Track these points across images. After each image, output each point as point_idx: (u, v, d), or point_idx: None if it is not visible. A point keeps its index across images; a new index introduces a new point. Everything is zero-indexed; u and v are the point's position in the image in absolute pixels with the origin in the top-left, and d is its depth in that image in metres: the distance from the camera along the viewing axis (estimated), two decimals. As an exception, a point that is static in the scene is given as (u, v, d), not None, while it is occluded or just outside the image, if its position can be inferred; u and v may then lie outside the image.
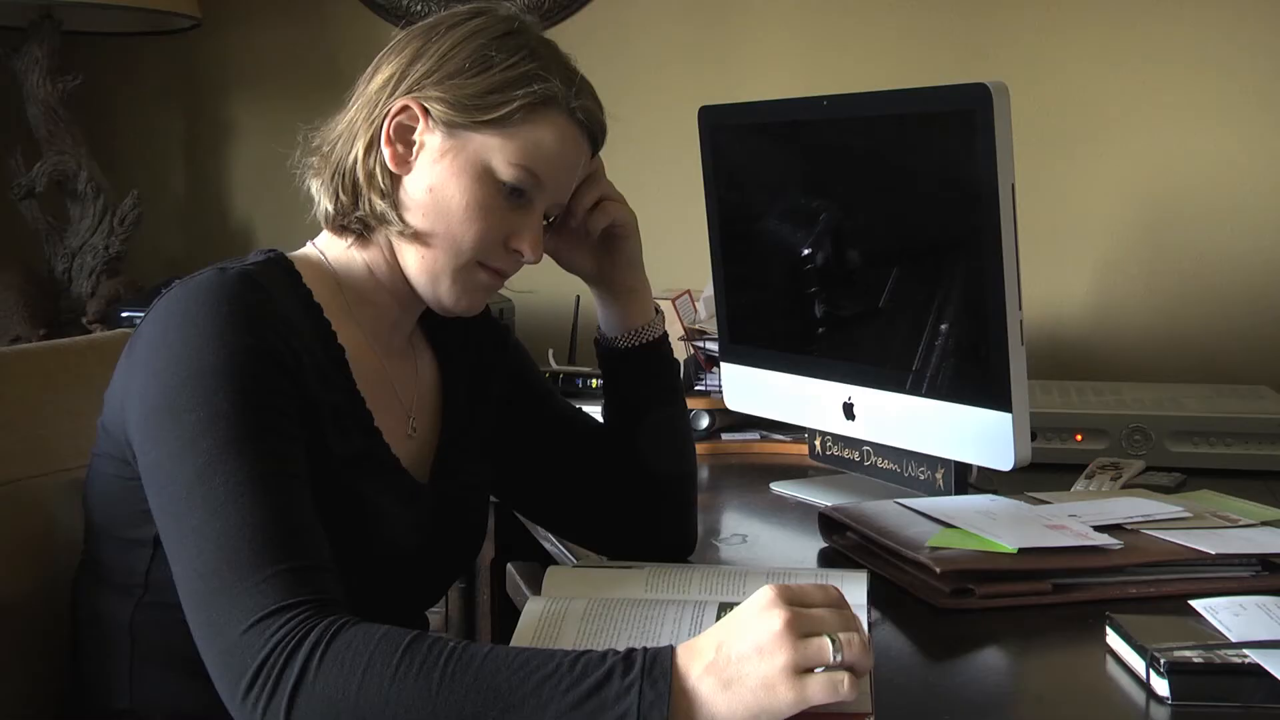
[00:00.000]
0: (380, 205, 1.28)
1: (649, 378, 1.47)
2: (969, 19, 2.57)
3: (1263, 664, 1.06)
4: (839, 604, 1.02)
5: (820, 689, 0.96)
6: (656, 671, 0.96)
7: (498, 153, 1.27)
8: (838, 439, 1.85)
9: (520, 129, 1.27)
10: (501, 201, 1.28)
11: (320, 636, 1.00)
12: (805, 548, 1.56)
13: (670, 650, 0.98)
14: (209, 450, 1.08)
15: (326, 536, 1.14)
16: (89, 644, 1.27)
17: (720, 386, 1.99)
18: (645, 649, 0.98)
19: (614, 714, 0.95)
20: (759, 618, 0.98)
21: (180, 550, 1.08)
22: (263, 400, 1.12)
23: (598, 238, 1.42)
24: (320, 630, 1.00)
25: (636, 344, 1.46)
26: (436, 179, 1.27)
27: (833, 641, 0.97)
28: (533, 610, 1.19)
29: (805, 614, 0.99)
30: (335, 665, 0.99)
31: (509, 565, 1.83)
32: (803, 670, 0.96)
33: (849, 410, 1.74)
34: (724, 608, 1.19)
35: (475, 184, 1.27)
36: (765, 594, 1.00)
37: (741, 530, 1.69)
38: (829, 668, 0.97)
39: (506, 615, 2.13)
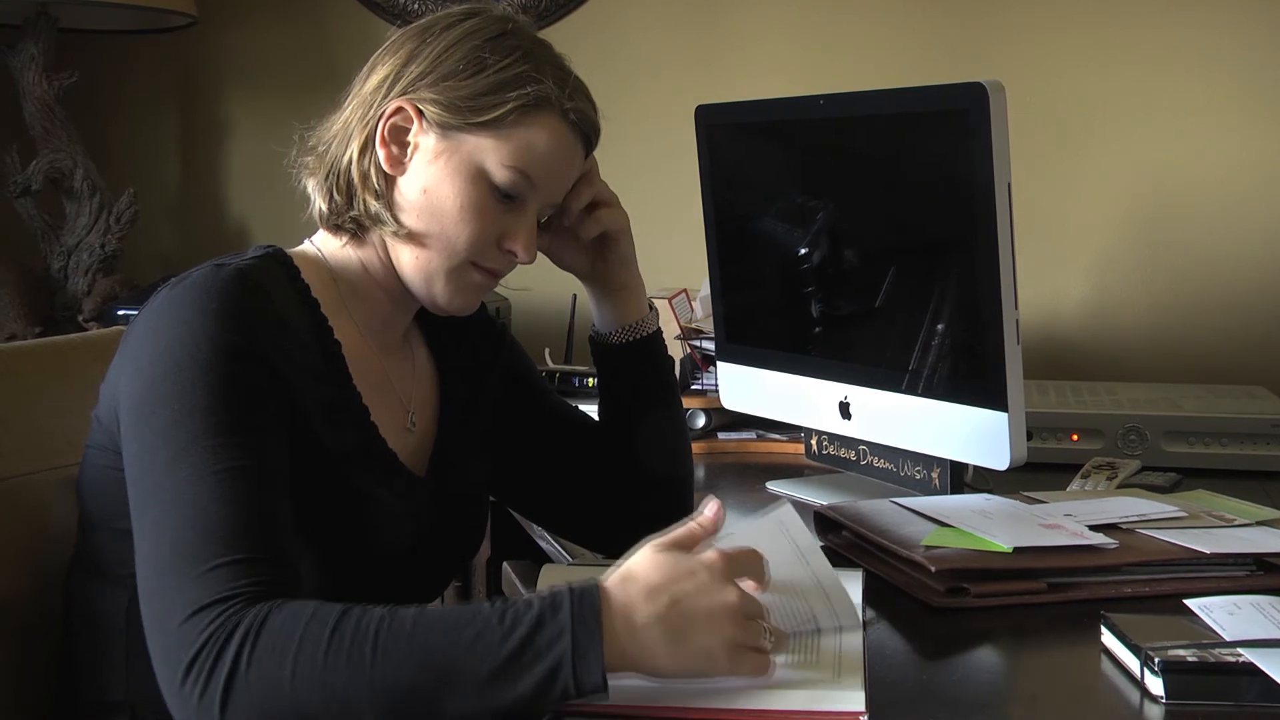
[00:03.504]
0: (375, 206, 1.29)
1: (643, 373, 1.47)
2: (966, 19, 2.57)
3: (1257, 663, 1.06)
4: (761, 575, 1.09)
5: (752, 667, 1.03)
6: (586, 612, 0.99)
7: (491, 154, 1.27)
8: (834, 438, 1.85)
9: (514, 131, 1.27)
10: (495, 203, 1.29)
11: (250, 625, 1.00)
12: (801, 547, 1.56)
13: (596, 588, 1.01)
14: (179, 443, 1.09)
15: (324, 531, 1.15)
16: (83, 635, 1.27)
17: (716, 385, 1.99)
18: (570, 588, 1.01)
19: (549, 661, 0.97)
20: (713, 586, 1.03)
21: (141, 539, 1.09)
22: (241, 396, 1.12)
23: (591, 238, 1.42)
24: (250, 618, 1.00)
25: (630, 340, 1.46)
26: (430, 180, 1.28)
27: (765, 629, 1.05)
28: None
29: (751, 597, 1.05)
30: (267, 653, 0.98)
31: (504, 563, 1.83)
32: (738, 646, 1.02)
33: (845, 409, 1.74)
34: None
35: (469, 185, 1.27)
36: (715, 560, 1.04)
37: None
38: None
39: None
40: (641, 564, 1.04)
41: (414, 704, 0.98)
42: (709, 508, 1.10)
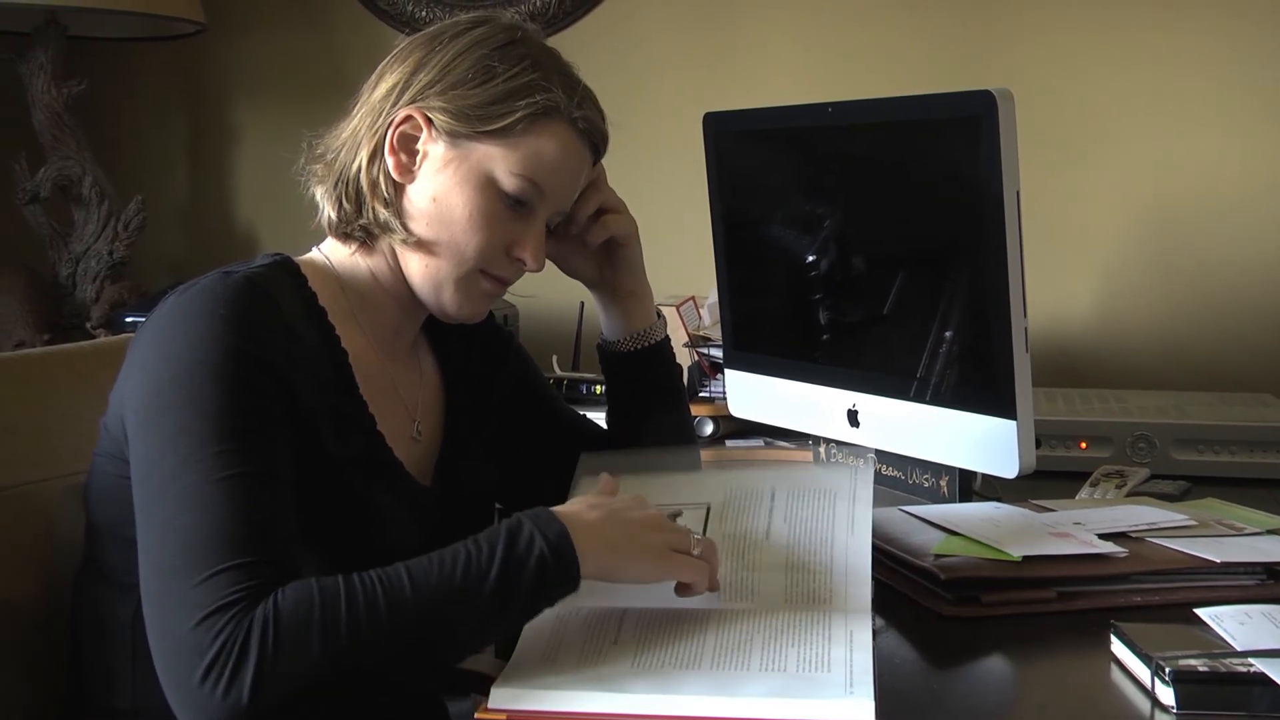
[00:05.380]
0: (384, 214, 1.29)
1: (651, 380, 1.47)
2: (973, 25, 2.57)
3: (1268, 673, 1.05)
4: None
5: (688, 569, 1.17)
6: (545, 518, 1.12)
7: (500, 163, 1.27)
8: (842, 446, 1.84)
9: (522, 139, 1.28)
10: (504, 211, 1.29)
11: (266, 619, 1.02)
12: (809, 555, 1.56)
13: (543, 508, 1.14)
14: (187, 448, 1.09)
15: (329, 538, 1.15)
16: (90, 643, 1.27)
17: (724, 393, 1.99)
18: (516, 515, 1.13)
19: (534, 562, 1.09)
20: (635, 505, 1.19)
21: (146, 543, 1.09)
22: (248, 403, 1.13)
23: (599, 245, 1.42)
24: (262, 613, 1.02)
25: (638, 347, 1.46)
26: (440, 189, 1.28)
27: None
28: (537, 620, 1.19)
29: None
30: (291, 641, 1.01)
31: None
32: (674, 549, 1.16)
33: (853, 417, 1.73)
34: (727, 616, 1.19)
35: (478, 194, 1.27)
36: (629, 495, 1.22)
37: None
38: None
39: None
40: (570, 500, 1.19)
41: (433, 644, 1.06)
42: (601, 480, 1.25)
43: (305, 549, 1.13)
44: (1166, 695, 1.07)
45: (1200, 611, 1.20)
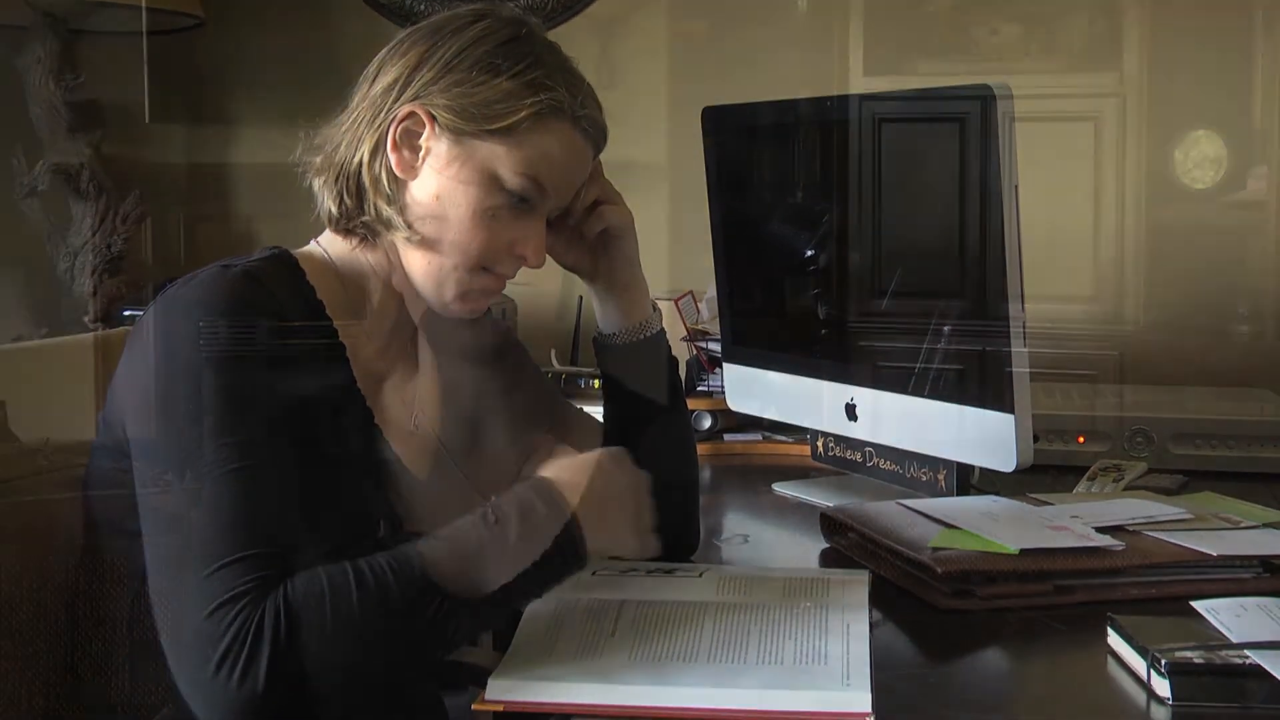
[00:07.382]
0: (387, 211, 1.28)
1: (647, 373, 1.47)
2: (973, 22, 2.57)
3: (1264, 665, 1.06)
4: None
5: (657, 547, 1.21)
6: (540, 484, 1.16)
7: (504, 161, 1.27)
8: (840, 440, 1.85)
9: (526, 138, 1.27)
10: (507, 209, 1.29)
11: (277, 609, 1.03)
12: (807, 548, 1.56)
13: (543, 483, 1.17)
14: (189, 443, 1.10)
15: (328, 531, 1.15)
16: (89, 637, 1.27)
17: (723, 387, 1.99)
18: (518, 490, 1.16)
19: (533, 523, 1.12)
20: (619, 467, 1.22)
21: (154, 539, 1.10)
22: (250, 397, 1.13)
23: (594, 236, 1.42)
24: (274, 603, 1.03)
25: (634, 340, 1.46)
26: (443, 187, 1.27)
27: None
28: (534, 612, 1.19)
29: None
30: (304, 629, 1.03)
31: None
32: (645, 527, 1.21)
33: (851, 411, 1.74)
34: (724, 609, 1.20)
35: (482, 192, 1.27)
36: (613, 454, 1.23)
37: (743, 530, 1.69)
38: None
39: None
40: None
41: (444, 622, 1.08)
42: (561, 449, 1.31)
43: (304, 540, 1.13)
44: (1162, 687, 1.07)
45: (1196, 604, 1.20)
